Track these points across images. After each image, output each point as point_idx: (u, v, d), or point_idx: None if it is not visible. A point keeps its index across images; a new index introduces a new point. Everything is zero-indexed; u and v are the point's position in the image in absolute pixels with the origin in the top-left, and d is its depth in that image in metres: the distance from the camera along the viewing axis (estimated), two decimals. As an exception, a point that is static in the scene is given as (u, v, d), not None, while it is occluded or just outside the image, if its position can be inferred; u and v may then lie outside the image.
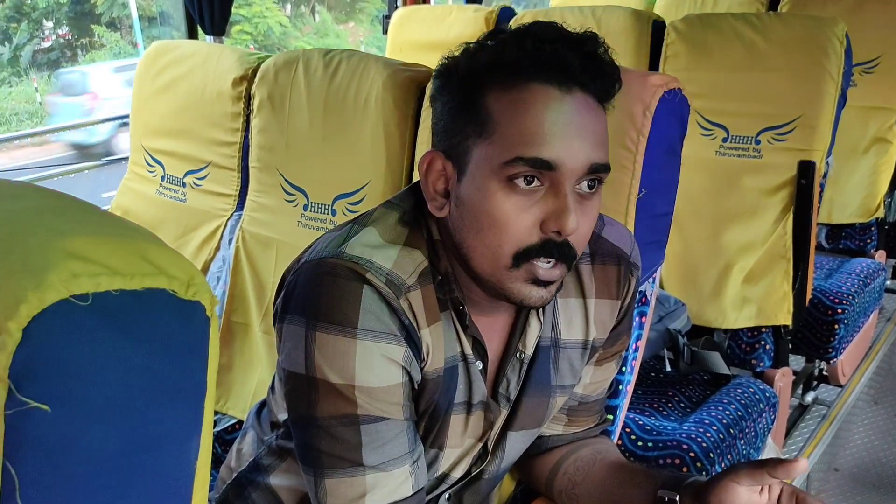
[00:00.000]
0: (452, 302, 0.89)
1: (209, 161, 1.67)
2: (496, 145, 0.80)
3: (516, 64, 0.80)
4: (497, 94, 0.81)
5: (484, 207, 0.81)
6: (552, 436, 1.09)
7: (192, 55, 1.70)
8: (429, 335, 0.88)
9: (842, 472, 2.33)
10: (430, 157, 0.86)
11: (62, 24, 15.42)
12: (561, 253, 0.81)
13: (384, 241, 0.87)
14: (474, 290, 0.89)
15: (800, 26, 1.92)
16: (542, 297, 0.84)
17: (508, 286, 0.83)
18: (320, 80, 1.48)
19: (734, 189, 1.97)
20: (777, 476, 0.85)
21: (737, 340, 2.00)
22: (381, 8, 15.39)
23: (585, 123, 0.80)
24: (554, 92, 0.80)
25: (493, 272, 0.83)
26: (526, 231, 0.81)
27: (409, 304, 0.86)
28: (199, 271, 0.47)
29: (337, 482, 0.85)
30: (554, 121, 0.79)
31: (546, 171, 0.79)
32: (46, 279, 0.40)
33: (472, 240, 0.83)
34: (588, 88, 0.81)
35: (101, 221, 0.48)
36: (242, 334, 1.61)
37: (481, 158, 0.81)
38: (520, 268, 0.82)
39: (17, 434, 0.40)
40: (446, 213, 0.86)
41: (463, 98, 0.83)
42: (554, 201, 0.80)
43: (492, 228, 0.81)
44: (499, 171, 0.80)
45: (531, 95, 0.80)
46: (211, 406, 0.50)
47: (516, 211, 0.80)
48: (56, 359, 0.41)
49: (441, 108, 0.86)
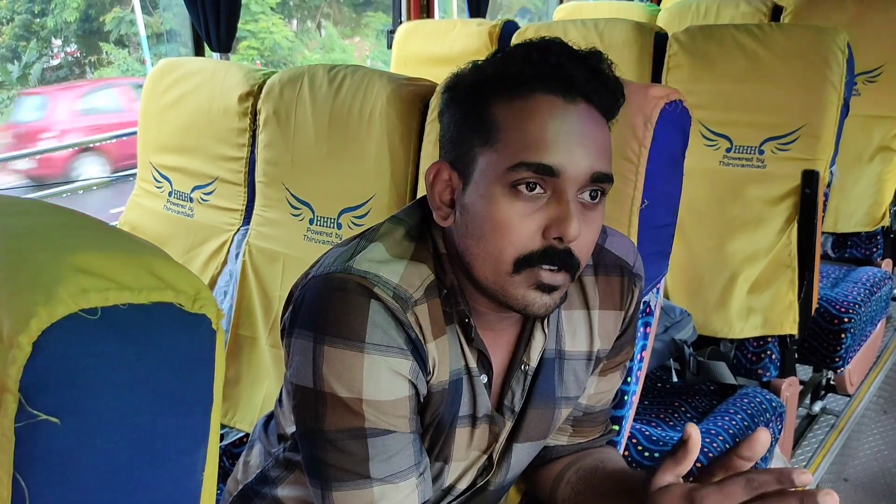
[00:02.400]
0: (458, 315, 0.89)
1: (216, 176, 1.69)
2: (500, 152, 0.81)
3: (521, 74, 0.81)
4: (502, 104, 0.82)
5: (487, 213, 0.82)
6: (557, 446, 1.09)
7: (199, 72, 1.71)
8: (435, 349, 0.88)
9: (851, 482, 2.31)
10: (437, 167, 0.87)
11: (71, 41, 15.53)
12: (563, 261, 0.82)
13: (391, 255, 0.87)
14: (481, 303, 0.89)
15: (801, 36, 1.92)
16: (546, 305, 0.84)
17: (511, 293, 0.83)
18: (325, 95, 1.49)
19: (738, 199, 1.97)
20: (743, 456, 0.81)
21: (743, 350, 1.99)
22: (386, 23, 15.43)
23: (589, 133, 0.81)
24: (558, 101, 0.81)
25: (495, 279, 0.83)
26: (528, 237, 0.81)
27: (416, 318, 0.86)
28: (205, 285, 0.47)
29: (344, 495, 0.85)
30: (558, 129, 0.80)
31: (549, 178, 0.80)
32: (56, 294, 0.41)
33: (474, 246, 0.84)
34: (592, 101, 0.82)
35: (109, 237, 0.49)
36: (249, 348, 1.62)
37: (486, 165, 0.82)
38: (521, 273, 0.82)
39: (27, 446, 0.41)
40: (451, 222, 0.87)
41: (469, 109, 0.84)
42: (556, 208, 0.80)
43: (494, 234, 0.81)
44: (503, 177, 0.80)
45: (536, 104, 0.81)
46: (217, 418, 0.50)
47: (519, 217, 0.80)
48: (65, 372, 0.41)
49: (448, 119, 0.87)
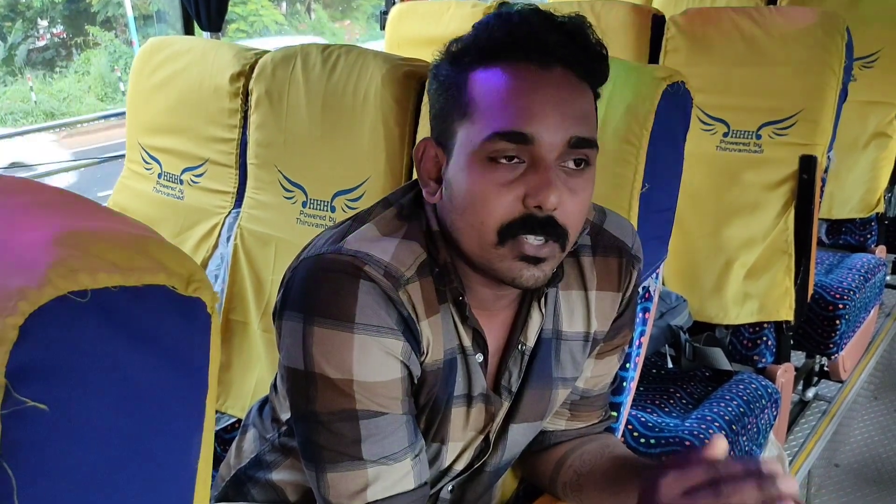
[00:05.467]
0: (452, 293, 0.89)
1: (206, 158, 1.66)
2: (476, 124, 0.81)
3: (494, 44, 0.81)
4: (477, 76, 0.81)
5: (467, 186, 0.81)
6: (556, 431, 1.09)
7: (189, 51, 1.68)
8: (428, 327, 0.88)
9: (842, 467, 2.33)
10: (424, 144, 0.88)
11: (57, 22, 15.40)
12: (546, 230, 0.80)
13: (382, 234, 0.87)
14: (475, 280, 0.89)
15: (800, 20, 1.91)
16: (535, 276, 0.83)
17: (498, 265, 0.83)
18: (319, 75, 1.47)
19: (735, 184, 1.96)
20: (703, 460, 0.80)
21: (738, 336, 1.99)
22: (377, 5, 15.37)
23: (565, 97, 0.80)
24: (532, 68, 0.80)
25: (481, 252, 0.83)
26: (508, 207, 0.80)
27: (409, 297, 0.86)
28: (199, 267, 0.46)
29: (338, 476, 0.85)
30: (531, 96, 0.79)
31: (525, 147, 0.79)
32: (44, 275, 0.39)
33: (459, 220, 0.83)
34: (570, 66, 0.81)
35: (100, 216, 0.48)
36: (241, 333, 1.60)
37: (464, 139, 0.82)
38: (505, 245, 0.81)
39: (14, 434, 0.39)
40: (439, 198, 0.86)
41: (448, 84, 0.84)
42: (535, 176, 0.79)
43: (474, 206, 0.81)
44: (479, 149, 0.80)
45: (509, 73, 0.80)
46: (212, 405, 0.49)
47: (497, 187, 0.80)
48: (54, 357, 0.40)
49: (433, 95, 0.87)
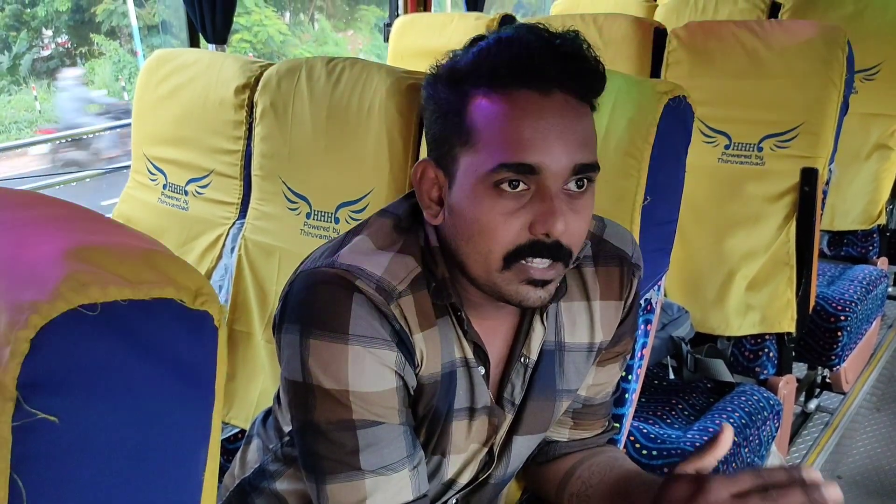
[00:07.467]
0: (450, 308, 0.89)
1: (211, 169, 1.67)
2: (480, 154, 0.80)
3: (494, 73, 0.80)
4: (477, 103, 0.81)
5: (473, 215, 0.82)
6: (561, 442, 1.09)
7: (195, 63, 1.69)
8: (422, 340, 0.88)
9: (845, 479, 2.32)
10: (423, 166, 0.87)
11: (61, 32, 15.44)
12: (553, 253, 0.81)
13: (377, 248, 0.88)
14: (474, 294, 0.89)
15: (802, 33, 1.92)
16: (541, 297, 0.84)
17: (505, 289, 0.83)
18: (323, 87, 1.48)
19: (737, 196, 1.96)
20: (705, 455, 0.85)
21: (740, 348, 1.99)
22: (380, 16, 15.42)
23: (567, 125, 0.80)
24: (533, 96, 0.79)
25: (487, 277, 0.84)
26: (514, 235, 0.81)
27: (401, 311, 0.86)
28: (207, 281, 0.46)
29: (337, 487, 0.86)
30: (535, 126, 0.79)
31: (531, 176, 0.79)
32: (55, 289, 0.40)
33: (465, 246, 0.84)
34: (568, 89, 0.81)
35: (110, 230, 0.48)
36: (245, 343, 1.61)
37: (467, 167, 0.82)
38: (511, 269, 0.82)
39: (24, 445, 0.40)
40: (441, 220, 0.86)
41: (447, 108, 0.84)
42: (541, 205, 0.80)
43: (482, 235, 0.81)
44: (485, 178, 0.80)
45: (510, 102, 0.80)
46: (219, 416, 0.49)
47: (504, 216, 0.80)
48: (64, 370, 0.40)
49: (429, 116, 0.87)
